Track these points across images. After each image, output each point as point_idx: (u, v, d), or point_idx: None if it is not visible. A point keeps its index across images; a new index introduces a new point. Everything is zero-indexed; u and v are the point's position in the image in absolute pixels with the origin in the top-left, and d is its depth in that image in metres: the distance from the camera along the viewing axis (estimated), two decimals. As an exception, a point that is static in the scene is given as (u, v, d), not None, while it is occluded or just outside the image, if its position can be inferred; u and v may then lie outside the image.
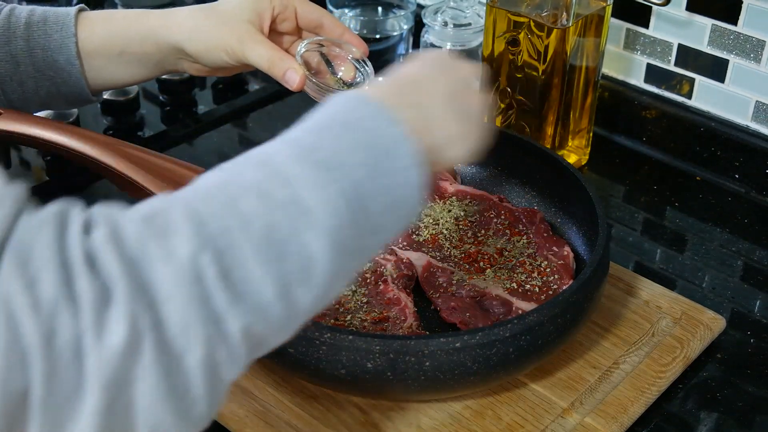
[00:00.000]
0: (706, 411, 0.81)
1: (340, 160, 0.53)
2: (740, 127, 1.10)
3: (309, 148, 0.54)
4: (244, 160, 0.54)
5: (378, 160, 0.55)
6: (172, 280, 0.46)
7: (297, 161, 0.52)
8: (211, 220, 0.49)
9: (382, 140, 0.56)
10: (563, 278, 0.85)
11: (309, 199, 0.51)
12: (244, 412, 0.77)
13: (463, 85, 0.66)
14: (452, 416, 0.77)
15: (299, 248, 0.50)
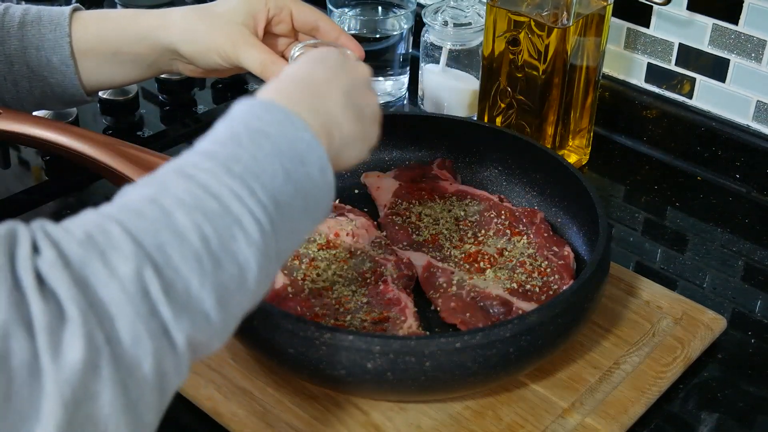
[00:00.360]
0: (707, 411, 0.81)
1: (260, 170, 0.55)
2: (741, 126, 1.10)
3: (229, 159, 0.55)
4: (167, 174, 0.54)
5: (294, 167, 0.57)
6: (120, 296, 0.48)
7: (221, 174, 0.54)
8: (147, 236, 0.50)
9: (295, 146, 0.58)
10: (563, 278, 0.85)
11: (238, 211, 0.53)
12: (244, 412, 0.77)
13: (358, 84, 0.67)
14: (452, 416, 0.77)
15: (232, 258, 0.52)
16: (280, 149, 0.57)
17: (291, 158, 0.57)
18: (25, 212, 1.03)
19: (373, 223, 0.93)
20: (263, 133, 0.57)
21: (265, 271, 0.55)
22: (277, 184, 0.56)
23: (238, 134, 0.57)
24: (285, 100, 0.61)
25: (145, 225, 0.50)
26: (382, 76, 1.23)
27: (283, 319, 0.71)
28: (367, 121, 0.67)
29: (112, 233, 0.49)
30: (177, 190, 0.52)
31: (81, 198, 1.06)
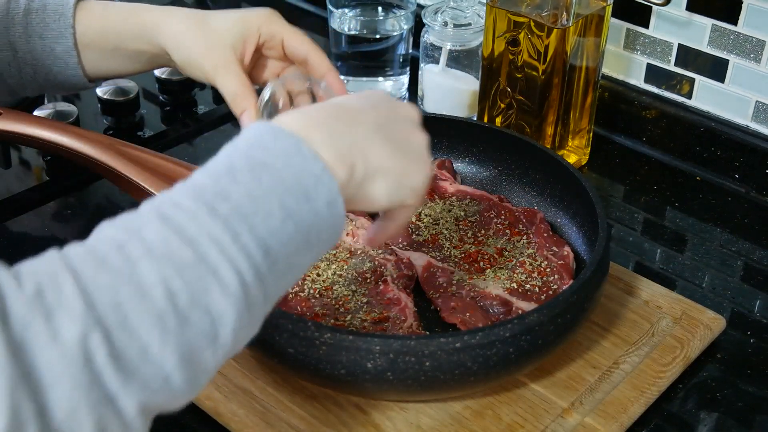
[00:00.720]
0: (706, 411, 0.81)
1: (253, 208, 0.52)
2: (740, 127, 1.10)
3: (217, 197, 0.51)
4: (146, 214, 0.51)
5: (296, 203, 0.53)
6: (57, 364, 0.43)
7: (203, 215, 0.50)
8: (104, 292, 0.46)
9: (300, 180, 0.54)
10: (563, 278, 0.85)
11: (215, 259, 0.49)
12: (244, 412, 0.77)
13: (400, 118, 0.64)
14: (452, 416, 0.77)
15: (204, 312, 0.48)
16: (282, 184, 0.53)
17: (294, 194, 0.53)
18: (26, 212, 1.03)
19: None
20: (265, 165, 0.53)
21: (247, 320, 0.51)
22: (272, 224, 0.52)
23: (236, 166, 0.53)
24: (303, 125, 0.57)
25: (104, 279, 0.46)
26: (382, 77, 1.24)
27: (283, 319, 0.71)
28: (407, 156, 0.61)
29: (64, 289, 0.45)
30: (150, 235, 0.49)
31: (81, 198, 1.07)
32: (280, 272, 0.53)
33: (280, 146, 0.55)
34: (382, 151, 0.60)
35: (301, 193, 0.54)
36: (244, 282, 0.50)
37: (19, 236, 0.99)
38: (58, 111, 1.12)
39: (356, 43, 1.21)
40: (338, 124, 0.59)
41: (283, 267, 0.53)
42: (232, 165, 0.54)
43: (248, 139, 0.56)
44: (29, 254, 0.97)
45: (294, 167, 0.54)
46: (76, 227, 1.01)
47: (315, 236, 0.55)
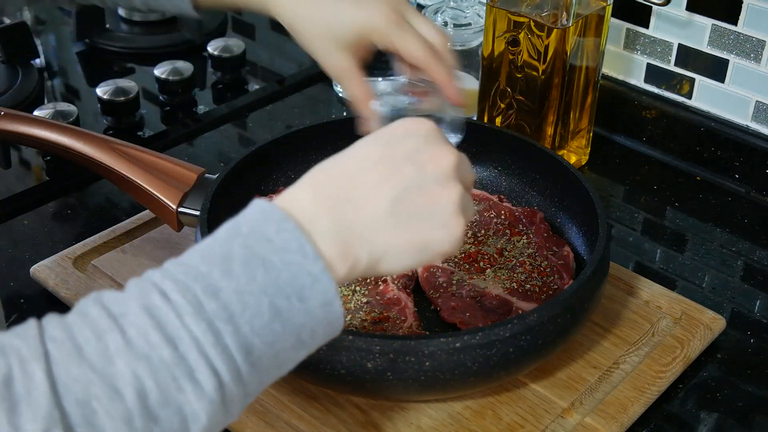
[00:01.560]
0: (706, 411, 0.81)
1: (240, 308, 0.50)
2: (740, 127, 1.10)
3: (207, 291, 0.50)
4: (133, 298, 0.50)
5: (287, 304, 0.52)
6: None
7: (188, 313, 0.49)
8: (75, 387, 0.46)
9: (296, 280, 0.52)
10: (563, 278, 0.85)
11: (193, 360, 0.48)
12: (244, 412, 0.77)
13: (425, 179, 0.58)
14: (452, 416, 0.77)
15: (175, 411, 0.48)
16: (276, 283, 0.51)
17: (287, 294, 0.52)
18: (26, 212, 1.03)
19: (373, 223, 0.93)
20: (263, 261, 0.52)
21: (222, 416, 0.50)
22: (258, 324, 0.51)
23: (233, 255, 0.52)
24: (312, 208, 0.55)
25: (77, 372, 0.46)
26: (382, 77, 1.23)
27: (284, 319, 0.71)
28: (427, 227, 0.57)
29: (34, 379, 0.45)
30: (131, 329, 0.48)
31: (81, 198, 1.07)
32: (265, 369, 0.52)
33: (282, 240, 0.53)
34: (393, 234, 0.57)
35: (294, 294, 0.52)
36: (221, 383, 0.49)
37: (19, 236, 0.99)
38: (58, 111, 1.12)
39: (356, 43, 1.20)
40: (347, 207, 0.56)
41: (269, 364, 0.52)
42: (230, 253, 0.52)
43: (252, 224, 0.54)
44: (29, 254, 0.97)
45: (292, 266, 0.52)
46: (76, 227, 1.01)
47: (308, 335, 0.53)
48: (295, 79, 1.29)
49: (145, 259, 0.93)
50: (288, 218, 0.54)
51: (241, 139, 1.20)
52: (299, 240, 0.53)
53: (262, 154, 0.93)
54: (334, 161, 0.59)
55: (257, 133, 1.21)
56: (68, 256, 0.93)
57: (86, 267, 0.92)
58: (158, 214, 0.89)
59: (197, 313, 0.49)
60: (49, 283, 0.90)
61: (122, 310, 0.49)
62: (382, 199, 0.56)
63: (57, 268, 0.91)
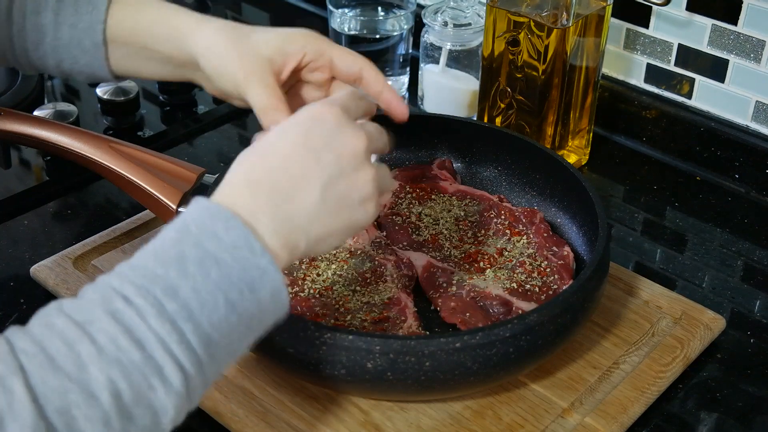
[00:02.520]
0: (706, 411, 0.81)
1: (198, 304, 0.54)
2: (740, 127, 1.10)
3: (166, 292, 0.53)
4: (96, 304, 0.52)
5: (240, 297, 0.56)
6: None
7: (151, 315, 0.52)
8: (54, 396, 0.48)
9: (247, 273, 0.56)
10: (563, 278, 0.85)
11: (160, 358, 0.52)
12: (244, 412, 0.77)
13: (342, 167, 0.63)
14: (452, 416, 0.77)
15: (147, 407, 0.51)
16: (229, 279, 0.55)
17: (239, 288, 0.56)
18: (26, 212, 1.03)
19: (373, 223, 0.94)
20: (215, 259, 0.55)
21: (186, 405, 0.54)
22: (216, 317, 0.54)
23: (186, 256, 0.55)
24: (252, 206, 0.59)
25: (54, 382, 0.48)
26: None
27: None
28: (351, 210, 0.64)
29: (14, 392, 0.47)
30: (100, 335, 0.51)
31: (81, 198, 1.07)
32: (221, 357, 0.56)
33: (231, 238, 0.56)
34: (326, 218, 0.62)
35: (246, 287, 0.56)
36: (186, 377, 0.53)
37: (19, 236, 0.99)
38: (58, 111, 1.12)
39: (356, 43, 1.21)
40: (283, 201, 0.60)
41: (224, 353, 0.56)
42: (183, 254, 0.55)
43: (200, 223, 0.57)
44: (29, 254, 0.97)
45: (242, 261, 0.56)
46: (76, 227, 1.01)
47: (257, 323, 0.58)
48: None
49: (145, 259, 0.93)
50: (234, 217, 0.57)
51: (241, 139, 1.20)
52: (247, 237, 0.57)
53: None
54: (259, 156, 0.62)
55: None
56: (68, 256, 0.93)
57: (86, 267, 0.92)
58: (158, 214, 0.89)
59: (160, 314, 0.52)
60: (49, 283, 0.90)
61: (87, 318, 0.51)
62: (312, 189, 0.61)
63: (57, 268, 0.91)
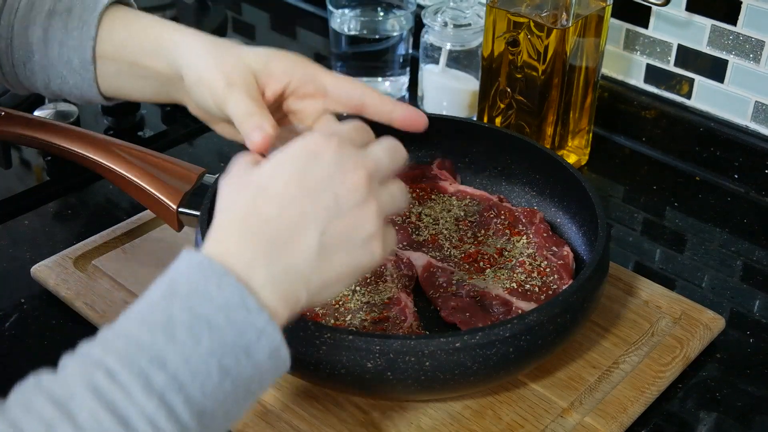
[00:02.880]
0: (706, 411, 0.81)
1: (189, 375, 0.50)
2: (739, 127, 1.10)
3: (152, 363, 0.49)
4: (77, 380, 0.48)
5: (236, 361, 0.51)
6: None
7: (138, 390, 0.48)
8: None
9: (242, 336, 0.52)
10: (563, 278, 0.85)
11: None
12: (244, 411, 0.77)
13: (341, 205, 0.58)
14: (452, 416, 0.78)
15: None
16: (222, 344, 0.51)
17: (234, 353, 0.51)
18: (26, 212, 1.03)
19: (373, 223, 0.94)
20: (207, 323, 0.51)
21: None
22: (209, 386, 0.50)
23: (175, 320, 0.51)
24: (247, 259, 0.54)
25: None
26: (382, 77, 1.24)
27: (284, 318, 0.71)
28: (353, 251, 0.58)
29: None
30: (82, 414, 0.47)
31: (81, 198, 1.07)
32: (217, 426, 0.52)
33: (224, 297, 0.52)
34: (326, 268, 0.57)
35: (242, 351, 0.52)
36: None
37: (19, 236, 0.99)
38: (59, 111, 1.13)
39: (356, 43, 1.21)
40: (280, 251, 0.56)
41: (220, 421, 0.52)
42: (172, 318, 0.51)
43: (190, 281, 0.52)
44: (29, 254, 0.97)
45: (237, 323, 0.52)
46: (77, 227, 1.01)
47: (256, 385, 0.54)
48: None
49: (145, 258, 0.93)
50: (228, 273, 0.53)
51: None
52: (242, 295, 0.52)
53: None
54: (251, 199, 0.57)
55: (257, 133, 1.21)
56: (68, 256, 0.93)
57: (87, 267, 0.92)
58: (158, 214, 0.89)
59: (146, 387, 0.48)
60: (50, 283, 0.90)
61: (67, 393, 0.48)
62: (310, 237, 0.56)
63: (57, 268, 0.91)
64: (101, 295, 0.89)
